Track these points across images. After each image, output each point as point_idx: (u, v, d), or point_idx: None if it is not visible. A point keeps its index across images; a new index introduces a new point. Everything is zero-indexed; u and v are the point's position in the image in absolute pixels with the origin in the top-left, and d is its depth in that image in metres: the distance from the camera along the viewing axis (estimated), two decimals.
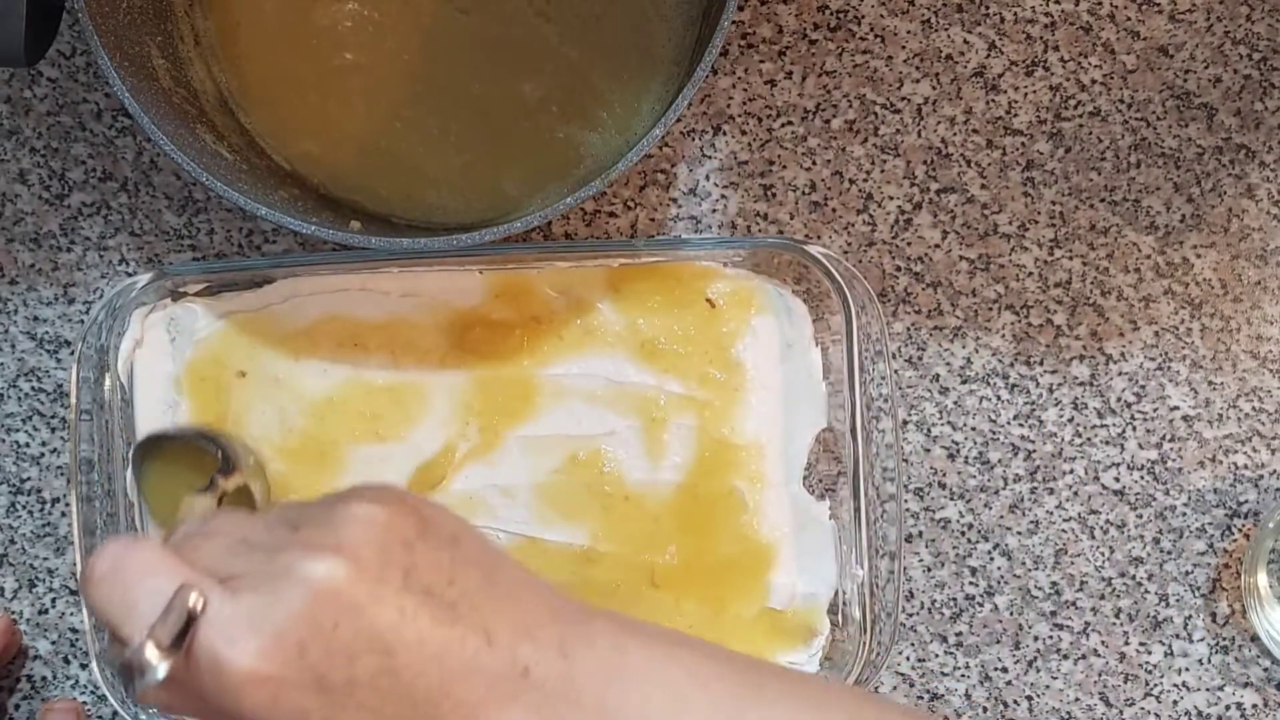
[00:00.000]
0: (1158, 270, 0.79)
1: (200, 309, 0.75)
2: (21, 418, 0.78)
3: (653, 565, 0.76)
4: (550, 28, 0.75)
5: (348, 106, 0.75)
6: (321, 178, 0.76)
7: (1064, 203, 0.79)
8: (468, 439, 0.76)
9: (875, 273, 0.79)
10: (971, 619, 0.80)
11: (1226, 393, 0.79)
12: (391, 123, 0.75)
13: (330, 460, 0.75)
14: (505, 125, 0.75)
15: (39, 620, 0.79)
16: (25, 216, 0.78)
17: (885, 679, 0.80)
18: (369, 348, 0.76)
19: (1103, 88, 0.79)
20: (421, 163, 0.75)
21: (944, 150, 0.79)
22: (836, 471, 0.77)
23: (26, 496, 0.78)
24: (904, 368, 0.79)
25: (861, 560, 0.75)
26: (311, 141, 0.75)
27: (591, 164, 0.76)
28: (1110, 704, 0.80)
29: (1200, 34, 0.79)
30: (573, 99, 0.75)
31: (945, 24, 0.79)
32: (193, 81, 0.75)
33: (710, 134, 0.79)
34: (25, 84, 0.78)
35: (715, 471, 0.76)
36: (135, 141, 0.78)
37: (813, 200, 0.79)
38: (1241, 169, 0.79)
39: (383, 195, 0.76)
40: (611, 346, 0.76)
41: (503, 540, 0.76)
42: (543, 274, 0.76)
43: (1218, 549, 0.80)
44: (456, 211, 0.76)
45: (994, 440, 0.80)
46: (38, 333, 0.78)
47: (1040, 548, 0.80)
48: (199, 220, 0.78)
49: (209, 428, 0.74)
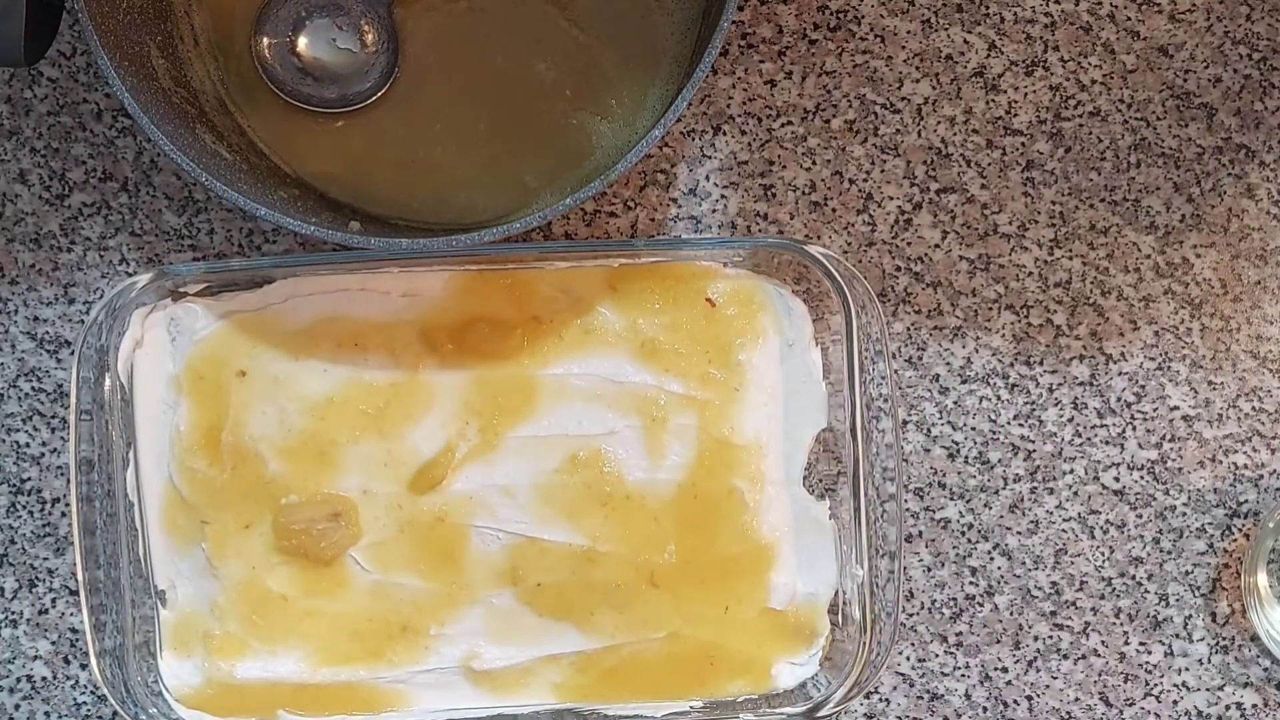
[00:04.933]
0: (1158, 270, 0.79)
1: (200, 309, 0.75)
2: (21, 418, 0.78)
3: (653, 565, 0.76)
4: (557, 10, 0.76)
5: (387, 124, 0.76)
6: (348, 197, 0.77)
7: (1064, 203, 0.79)
8: (468, 439, 0.76)
9: (875, 273, 0.79)
10: (971, 619, 0.80)
11: (1226, 393, 0.79)
12: (433, 125, 0.76)
13: (330, 460, 0.75)
14: (524, 108, 0.76)
15: (39, 620, 0.79)
16: (25, 216, 0.78)
17: (885, 679, 0.80)
18: (369, 348, 0.76)
19: (1103, 88, 0.79)
20: (455, 162, 0.76)
21: (944, 150, 0.79)
22: (836, 471, 0.77)
23: (26, 496, 0.78)
24: (904, 368, 0.79)
25: (861, 560, 0.75)
26: (339, 164, 0.76)
27: (601, 156, 0.76)
28: (1110, 704, 0.80)
29: (1200, 34, 0.79)
30: (584, 83, 0.76)
31: (945, 24, 0.79)
32: (193, 81, 0.75)
33: (710, 134, 0.79)
34: (25, 84, 0.78)
35: (715, 471, 0.76)
36: (135, 141, 0.78)
37: (813, 200, 0.79)
38: (1241, 169, 0.79)
39: (414, 206, 0.76)
40: (611, 346, 0.76)
41: (502, 540, 0.76)
42: (543, 274, 0.76)
43: (1218, 549, 0.80)
44: (484, 209, 0.76)
45: (994, 440, 0.80)
46: (38, 333, 0.78)
47: (1040, 548, 0.80)
48: (199, 220, 0.78)
49: None
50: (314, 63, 0.75)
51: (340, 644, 0.76)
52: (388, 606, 0.76)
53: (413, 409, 0.76)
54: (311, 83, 0.76)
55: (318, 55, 0.75)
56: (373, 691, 0.76)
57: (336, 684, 0.76)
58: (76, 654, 0.79)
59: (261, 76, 0.76)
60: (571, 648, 0.76)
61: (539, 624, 0.76)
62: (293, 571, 0.75)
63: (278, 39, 0.75)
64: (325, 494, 0.75)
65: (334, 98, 0.76)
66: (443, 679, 0.76)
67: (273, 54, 0.75)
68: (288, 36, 0.75)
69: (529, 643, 0.76)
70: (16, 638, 0.78)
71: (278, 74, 0.75)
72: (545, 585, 0.76)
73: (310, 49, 0.75)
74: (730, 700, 0.76)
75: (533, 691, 0.76)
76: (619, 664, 0.76)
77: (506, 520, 0.76)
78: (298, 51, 0.75)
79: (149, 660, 0.75)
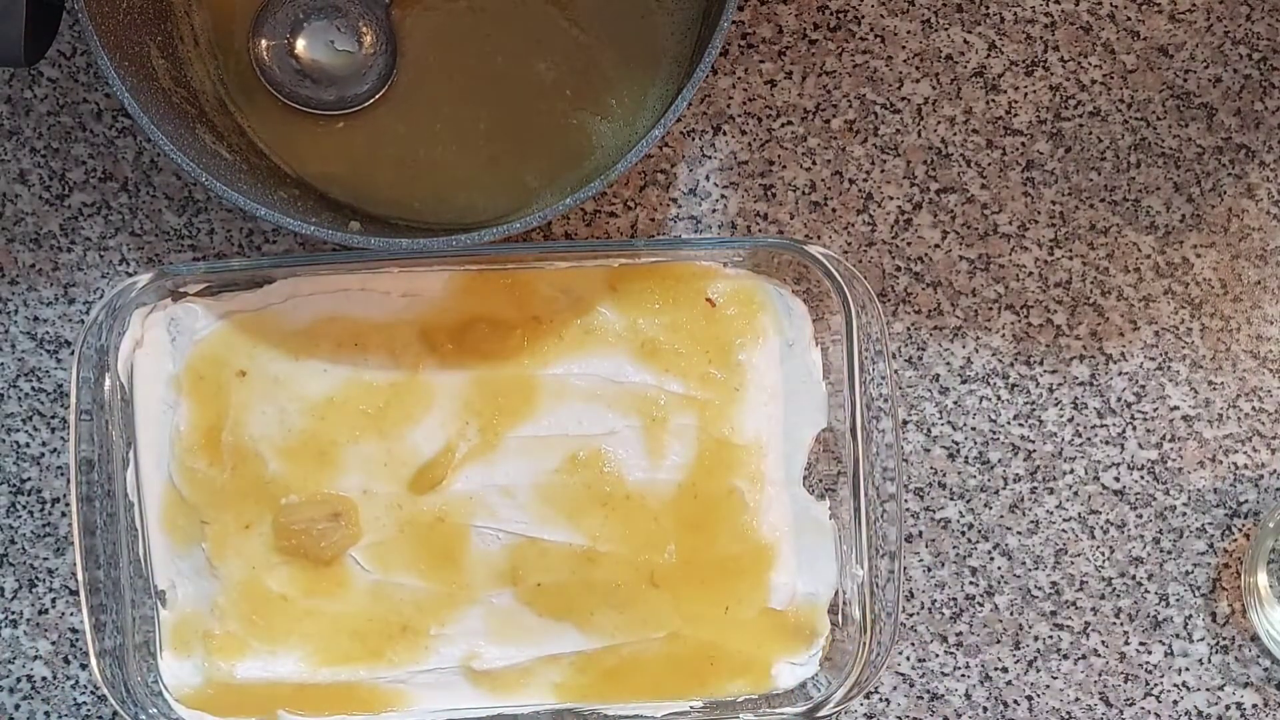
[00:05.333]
0: (1158, 270, 0.79)
1: (200, 309, 0.75)
2: (21, 418, 0.78)
3: (653, 565, 0.76)
4: (557, 11, 0.76)
5: (387, 124, 0.76)
6: (349, 198, 0.76)
7: (1064, 203, 0.79)
8: (468, 439, 0.76)
9: (875, 273, 0.79)
10: (971, 619, 0.80)
11: (1226, 393, 0.79)
12: (433, 125, 0.76)
13: (330, 460, 0.75)
14: (524, 108, 0.76)
15: (39, 620, 0.79)
16: (25, 216, 0.78)
17: (885, 679, 0.80)
18: (369, 348, 0.76)
19: (1103, 88, 0.79)
20: (455, 163, 0.76)
21: (944, 150, 0.79)
22: (836, 471, 0.77)
23: (26, 496, 0.78)
24: (904, 368, 0.79)
25: (861, 560, 0.75)
26: (339, 165, 0.76)
27: (601, 156, 0.76)
28: (1110, 704, 0.80)
29: (1200, 34, 0.79)
30: (584, 83, 0.76)
31: (945, 24, 0.79)
32: (193, 81, 0.75)
33: (710, 134, 0.79)
34: (25, 84, 0.78)
35: (715, 471, 0.76)
36: (135, 141, 0.78)
37: (813, 200, 0.79)
38: (1241, 169, 0.79)
39: (414, 206, 0.76)
40: (612, 346, 0.76)
41: (502, 540, 0.76)
42: (543, 274, 0.76)
43: (1218, 549, 0.80)
44: (484, 209, 0.76)
45: (994, 440, 0.80)
46: (38, 333, 0.78)
47: (1040, 548, 0.80)
48: (199, 220, 0.78)
49: None
50: (312, 65, 0.75)
51: (340, 644, 0.76)
52: (388, 606, 0.76)
53: (413, 409, 0.76)
54: (310, 85, 0.75)
55: (316, 57, 0.75)
56: (373, 691, 0.76)
57: (336, 684, 0.76)
58: (76, 654, 0.79)
59: (260, 78, 0.76)
60: (571, 648, 0.76)
61: (539, 624, 0.76)
62: (293, 571, 0.75)
63: (276, 41, 0.75)
64: (325, 494, 0.75)
65: (332, 100, 0.76)
66: (443, 679, 0.76)
67: (271, 56, 0.75)
68: (286, 39, 0.75)
69: (529, 643, 0.76)
70: (16, 638, 0.78)
71: (276, 76, 0.75)
72: (545, 585, 0.76)
73: (308, 51, 0.75)
74: (730, 700, 0.76)
75: (533, 691, 0.76)
76: (619, 664, 0.76)
77: (506, 520, 0.76)
78: (296, 54, 0.75)
79: (149, 660, 0.75)
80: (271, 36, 0.75)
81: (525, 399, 0.76)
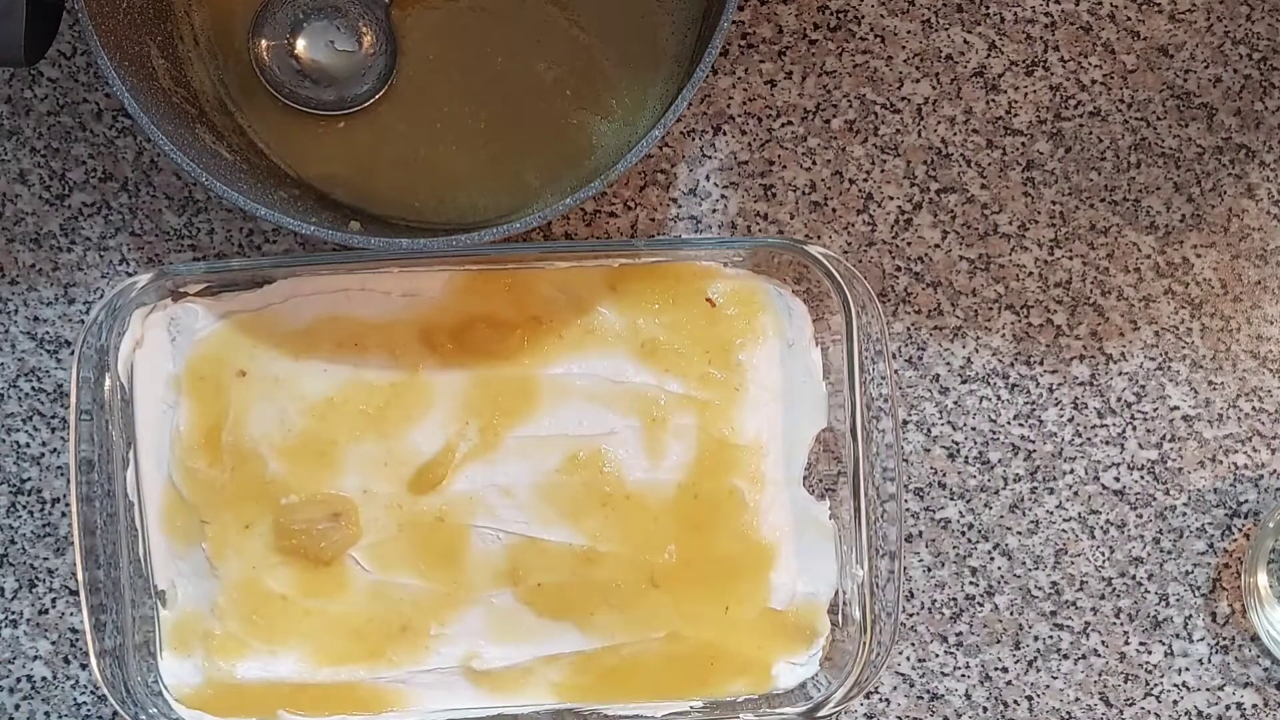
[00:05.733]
0: (1158, 270, 0.79)
1: (200, 309, 0.75)
2: (21, 418, 0.78)
3: (653, 565, 0.76)
4: (558, 10, 0.76)
5: (387, 124, 0.76)
6: (349, 198, 0.76)
7: (1064, 203, 0.79)
8: (468, 439, 0.76)
9: (875, 273, 0.79)
10: (971, 619, 0.80)
11: (1226, 393, 0.79)
12: (433, 125, 0.76)
13: (330, 460, 0.75)
14: (525, 107, 0.76)
15: (39, 620, 0.79)
16: (25, 216, 0.78)
17: (885, 679, 0.80)
18: (369, 348, 0.76)
19: (1103, 88, 0.79)
20: (455, 162, 0.76)
21: (944, 150, 0.79)
22: (836, 471, 0.77)
23: (26, 496, 0.78)
24: (904, 368, 0.79)
25: (861, 560, 0.75)
26: (340, 165, 0.76)
27: (601, 156, 0.76)
28: (1110, 704, 0.80)
29: (1200, 34, 0.79)
30: (584, 83, 0.76)
31: (945, 24, 0.79)
32: (192, 81, 0.75)
33: (710, 134, 0.79)
34: (25, 84, 0.78)
35: (715, 471, 0.76)
36: (135, 141, 0.78)
37: (813, 200, 0.79)
38: (1241, 169, 0.79)
39: (414, 206, 0.76)
40: (612, 346, 0.76)
41: (502, 540, 0.76)
42: (543, 274, 0.76)
43: (1218, 549, 0.80)
44: (484, 209, 0.76)
45: (994, 440, 0.80)
46: (38, 333, 0.78)
47: (1040, 548, 0.80)
48: (199, 220, 0.78)
49: None
50: (312, 65, 0.75)
51: (340, 644, 0.76)
52: (388, 606, 0.76)
53: (413, 409, 0.76)
54: (310, 85, 0.75)
55: (316, 57, 0.75)
56: (373, 691, 0.76)
57: (336, 684, 0.76)
58: (76, 654, 0.79)
59: (260, 78, 0.76)
60: (571, 648, 0.76)
61: (539, 624, 0.76)
62: (293, 571, 0.75)
63: (276, 41, 0.75)
64: (325, 494, 0.75)
65: (332, 100, 0.76)
66: (443, 679, 0.76)
67: (271, 56, 0.75)
68: (286, 39, 0.75)
69: (529, 643, 0.76)
70: (16, 638, 0.78)
71: (276, 76, 0.75)
72: (545, 585, 0.76)
73: (308, 51, 0.75)
74: (730, 700, 0.76)
75: (533, 691, 0.76)
76: (619, 664, 0.76)
77: (506, 520, 0.76)
78: (296, 54, 0.75)
79: (149, 660, 0.75)
80: (271, 36, 0.75)
81: (525, 399, 0.76)
